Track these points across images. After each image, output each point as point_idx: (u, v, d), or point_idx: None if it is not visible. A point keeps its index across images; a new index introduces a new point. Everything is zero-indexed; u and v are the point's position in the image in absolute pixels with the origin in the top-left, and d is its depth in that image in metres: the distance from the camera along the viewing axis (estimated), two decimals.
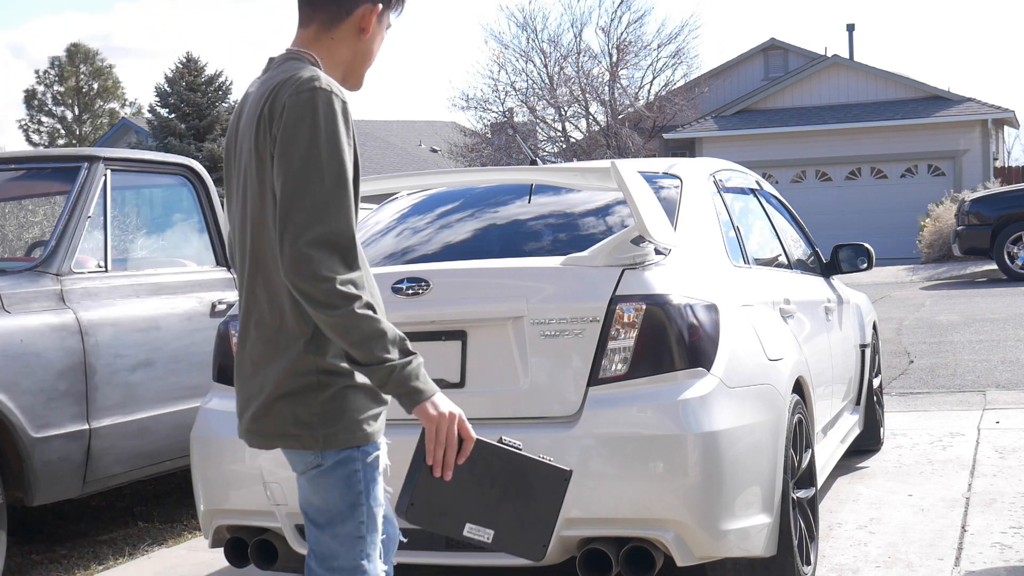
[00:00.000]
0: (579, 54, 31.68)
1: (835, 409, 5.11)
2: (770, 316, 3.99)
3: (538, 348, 3.36)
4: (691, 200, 4.00)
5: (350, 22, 2.30)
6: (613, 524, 3.28)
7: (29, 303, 4.45)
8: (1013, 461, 5.68)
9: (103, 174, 5.00)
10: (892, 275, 18.89)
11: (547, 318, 3.36)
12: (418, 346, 2.29)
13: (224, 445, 3.54)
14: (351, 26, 2.30)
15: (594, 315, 3.33)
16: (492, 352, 3.41)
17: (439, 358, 3.40)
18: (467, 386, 3.42)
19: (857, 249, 5.68)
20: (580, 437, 3.26)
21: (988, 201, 16.41)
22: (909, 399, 7.75)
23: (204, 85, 31.18)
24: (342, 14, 2.29)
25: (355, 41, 2.32)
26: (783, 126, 27.53)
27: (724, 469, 3.25)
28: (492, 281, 3.50)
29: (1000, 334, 10.35)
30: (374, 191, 4.04)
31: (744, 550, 3.37)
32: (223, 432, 3.51)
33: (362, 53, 2.34)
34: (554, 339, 3.35)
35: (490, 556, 3.43)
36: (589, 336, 3.33)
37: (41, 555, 4.92)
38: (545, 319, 3.36)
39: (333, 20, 2.30)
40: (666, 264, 3.57)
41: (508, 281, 3.47)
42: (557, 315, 3.36)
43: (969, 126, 26.78)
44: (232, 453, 3.49)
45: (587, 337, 3.33)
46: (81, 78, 54.11)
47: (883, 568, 4.11)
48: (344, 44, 2.31)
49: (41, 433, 4.32)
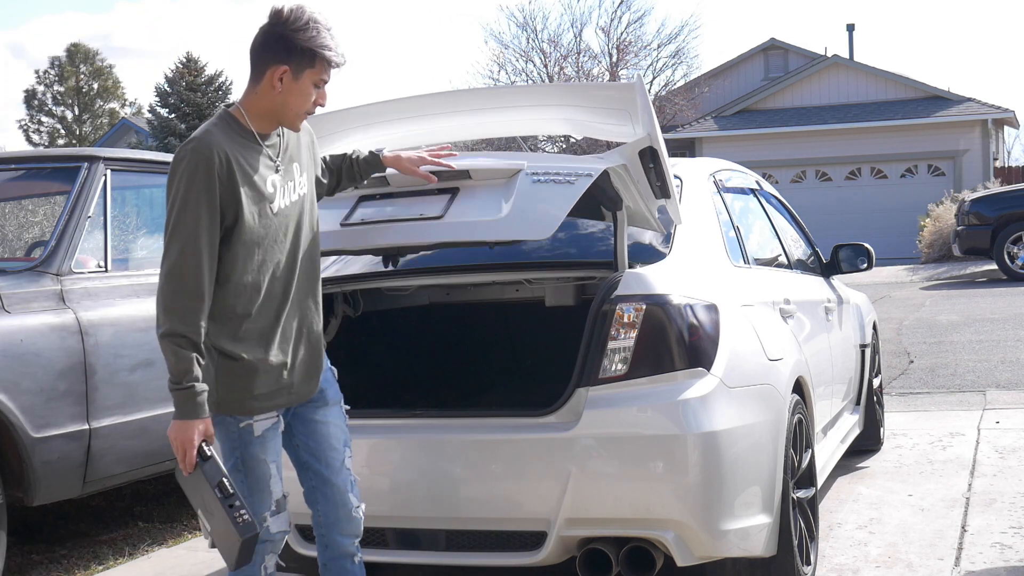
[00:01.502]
0: (579, 54, 31.74)
1: (835, 409, 5.11)
2: (770, 316, 3.99)
3: (526, 189, 3.29)
4: (691, 200, 4.00)
5: (265, 80, 2.88)
6: (613, 524, 3.28)
7: (29, 303, 4.45)
8: (1013, 461, 5.68)
9: (103, 174, 5.00)
10: (892, 275, 18.89)
11: (543, 169, 3.33)
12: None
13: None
14: (267, 83, 2.88)
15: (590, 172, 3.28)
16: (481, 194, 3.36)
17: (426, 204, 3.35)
18: (446, 217, 3.33)
19: (857, 249, 5.68)
20: (580, 437, 3.26)
21: (988, 201, 16.41)
22: (909, 399, 7.75)
23: (204, 85, 31.23)
24: (257, 74, 2.89)
25: (271, 95, 2.89)
26: (783, 126, 27.53)
27: (724, 469, 3.25)
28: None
29: (1000, 334, 10.35)
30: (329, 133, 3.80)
31: (744, 550, 3.37)
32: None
33: (280, 104, 2.90)
34: (544, 184, 3.28)
35: (490, 556, 3.43)
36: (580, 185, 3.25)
37: (41, 555, 4.92)
38: (541, 171, 3.32)
39: (254, 78, 2.91)
40: (666, 264, 3.57)
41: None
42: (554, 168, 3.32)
43: (969, 126, 26.78)
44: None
45: (578, 186, 3.24)
46: (81, 78, 54.13)
47: (883, 568, 4.11)
48: (264, 97, 2.90)
49: (41, 433, 4.32)
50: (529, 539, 3.36)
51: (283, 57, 2.85)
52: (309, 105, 2.93)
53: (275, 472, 2.96)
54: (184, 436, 2.76)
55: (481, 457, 3.41)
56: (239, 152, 2.85)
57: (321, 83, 2.92)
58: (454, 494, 3.42)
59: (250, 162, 2.87)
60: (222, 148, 2.80)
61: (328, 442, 3.10)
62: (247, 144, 2.89)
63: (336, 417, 3.14)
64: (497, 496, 3.37)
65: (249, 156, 2.88)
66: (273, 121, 2.93)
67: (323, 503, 3.11)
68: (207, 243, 2.77)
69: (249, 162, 2.87)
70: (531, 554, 3.35)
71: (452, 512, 3.42)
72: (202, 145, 2.77)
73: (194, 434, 2.76)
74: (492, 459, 3.39)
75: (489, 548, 3.43)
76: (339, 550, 3.13)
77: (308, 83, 2.89)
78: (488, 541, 3.42)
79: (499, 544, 3.41)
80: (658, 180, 3.45)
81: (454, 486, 3.43)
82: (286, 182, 2.97)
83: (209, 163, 2.76)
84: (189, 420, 2.76)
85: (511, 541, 3.39)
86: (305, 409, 3.09)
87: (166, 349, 2.76)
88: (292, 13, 2.85)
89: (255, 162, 2.89)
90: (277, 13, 2.86)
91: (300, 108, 2.92)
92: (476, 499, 3.40)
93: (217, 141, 2.81)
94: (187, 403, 2.76)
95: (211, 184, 2.76)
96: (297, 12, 2.85)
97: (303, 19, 2.85)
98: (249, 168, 2.86)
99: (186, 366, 2.75)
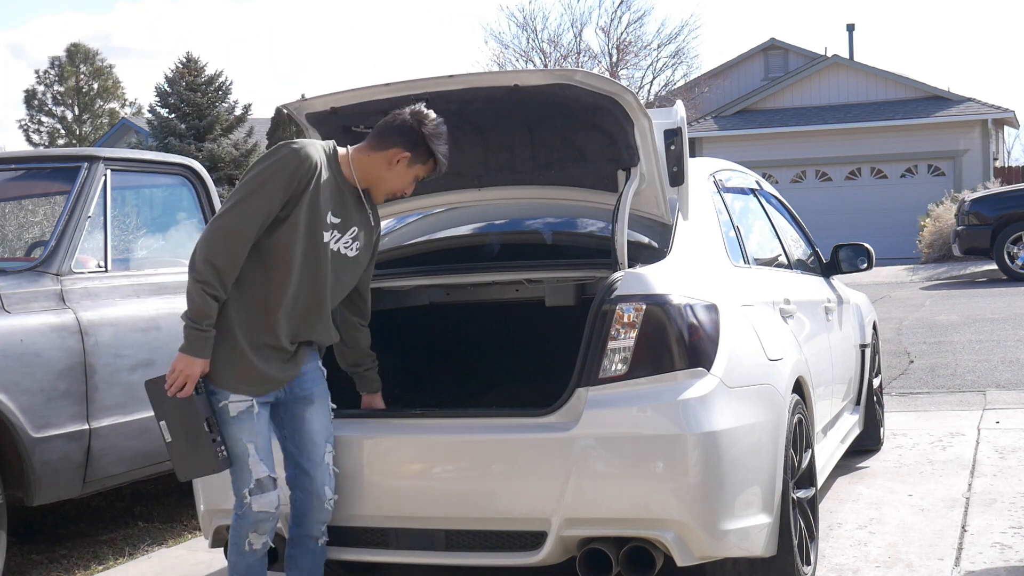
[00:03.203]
0: (579, 54, 31.75)
1: (835, 409, 5.11)
2: (770, 316, 3.99)
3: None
4: (691, 200, 4.00)
5: (387, 154, 3.35)
6: (613, 524, 3.28)
7: (29, 303, 4.45)
8: (1013, 461, 5.68)
9: (103, 174, 5.00)
10: (892, 275, 18.89)
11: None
12: None
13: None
14: (386, 157, 3.35)
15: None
16: None
17: None
18: None
19: (857, 249, 5.68)
20: (580, 437, 3.26)
21: (988, 201, 16.41)
22: (909, 399, 7.75)
23: (204, 85, 31.18)
24: (382, 145, 3.36)
25: (382, 166, 3.36)
26: (783, 126, 27.53)
27: (724, 469, 3.25)
28: None
29: (1000, 334, 10.35)
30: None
31: (744, 550, 3.37)
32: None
33: (385, 177, 3.37)
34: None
35: (490, 556, 3.43)
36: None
37: (41, 555, 4.92)
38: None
39: (376, 146, 3.37)
40: (666, 264, 3.58)
41: None
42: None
43: (969, 126, 26.77)
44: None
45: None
46: (81, 78, 54.12)
47: (883, 568, 4.11)
48: (375, 163, 3.37)
49: (41, 433, 4.32)
50: (529, 539, 3.36)
51: (410, 147, 3.33)
52: (401, 190, 3.41)
53: (254, 453, 3.25)
54: (189, 368, 3.17)
55: (481, 457, 3.41)
56: (327, 178, 3.29)
57: (421, 178, 3.41)
58: (454, 494, 3.42)
59: (329, 192, 3.29)
60: (318, 162, 3.26)
61: (311, 437, 3.40)
62: (337, 181, 3.34)
63: (320, 415, 3.42)
64: (497, 496, 3.37)
65: (330, 188, 3.31)
66: (366, 183, 3.39)
67: (301, 492, 3.40)
68: (260, 224, 3.19)
69: (328, 191, 3.29)
70: (531, 554, 3.35)
71: (452, 512, 3.42)
72: (305, 149, 3.24)
73: (197, 369, 3.17)
74: (492, 459, 3.39)
75: (489, 548, 3.43)
76: (308, 531, 3.43)
77: (413, 174, 3.38)
78: (488, 541, 3.42)
79: (499, 544, 3.41)
80: (675, 164, 3.65)
81: (454, 486, 3.43)
82: (342, 232, 3.35)
83: (302, 165, 3.21)
84: (197, 357, 3.17)
85: (511, 541, 3.39)
86: (292, 405, 3.39)
87: (195, 291, 3.16)
88: (435, 121, 3.36)
89: (330, 195, 3.30)
90: (426, 115, 3.36)
91: (395, 189, 3.40)
92: (476, 499, 3.40)
93: (319, 155, 3.28)
94: (198, 342, 3.17)
95: (291, 181, 3.20)
96: (439, 123, 3.37)
97: (440, 130, 3.36)
98: (324, 194, 3.27)
99: (208, 311, 3.16)
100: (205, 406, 3.20)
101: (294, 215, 3.21)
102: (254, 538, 3.29)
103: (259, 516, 3.26)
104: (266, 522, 3.28)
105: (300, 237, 3.23)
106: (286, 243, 3.22)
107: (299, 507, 3.41)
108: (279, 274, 3.24)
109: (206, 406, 3.20)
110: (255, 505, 3.24)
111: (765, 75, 31.96)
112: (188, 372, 3.18)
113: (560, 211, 4.43)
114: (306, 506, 3.39)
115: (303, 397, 3.39)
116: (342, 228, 3.34)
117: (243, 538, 3.28)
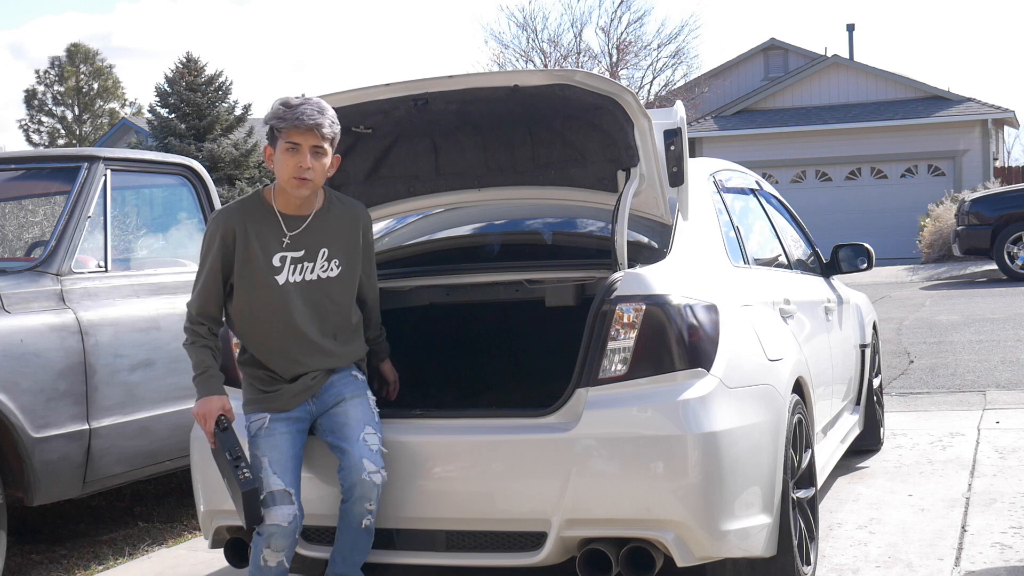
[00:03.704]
0: (579, 54, 31.74)
1: (835, 409, 5.11)
2: (770, 316, 3.99)
3: None
4: (691, 200, 4.00)
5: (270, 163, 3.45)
6: (613, 525, 3.28)
7: (29, 303, 4.45)
8: (1013, 461, 5.68)
9: (103, 174, 5.00)
10: (892, 275, 18.89)
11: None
12: None
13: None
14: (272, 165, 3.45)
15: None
16: None
17: None
18: None
19: (857, 249, 5.68)
20: (580, 438, 3.26)
21: (988, 201, 16.41)
22: (909, 399, 7.75)
23: (204, 85, 31.14)
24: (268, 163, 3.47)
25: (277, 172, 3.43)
26: (783, 126, 27.52)
27: (724, 469, 3.25)
28: None
29: (1000, 334, 10.35)
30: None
31: (744, 550, 3.37)
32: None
33: (279, 179, 3.42)
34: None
35: (490, 556, 3.43)
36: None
37: (41, 555, 4.92)
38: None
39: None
40: (666, 264, 3.58)
41: None
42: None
43: (969, 126, 26.77)
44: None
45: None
46: (81, 78, 54.11)
47: (883, 568, 4.11)
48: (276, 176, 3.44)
49: (41, 433, 4.33)
50: (529, 539, 3.35)
51: (269, 139, 3.42)
52: (294, 169, 3.35)
53: (268, 466, 3.33)
54: (202, 408, 3.36)
55: (481, 457, 3.41)
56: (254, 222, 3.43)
57: (298, 145, 3.34)
58: (454, 494, 3.42)
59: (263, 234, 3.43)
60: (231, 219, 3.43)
61: (345, 421, 3.44)
62: (268, 219, 3.45)
63: (356, 407, 3.47)
64: (497, 496, 3.36)
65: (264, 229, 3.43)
66: (281, 199, 3.46)
67: (343, 469, 3.39)
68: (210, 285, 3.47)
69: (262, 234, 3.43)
70: (531, 554, 3.34)
71: (452, 512, 3.42)
72: (217, 215, 3.47)
73: (211, 406, 3.35)
74: (492, 459, 3.39)
75: (489, 548, 3.43)
76: (351, 506, 3.37)
77: (286, 153, 3.36)
78: (488, 541, 3.42)
79: (499, 544, 3.41)
80: (675, 164, 3.64)
81: (454, 486, 3.43)
82: (311, 260, 3.45)
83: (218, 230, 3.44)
84: (204, 396, 3.37)
85: (511, 541, 3.39)
86: (328, 412, 3.48)
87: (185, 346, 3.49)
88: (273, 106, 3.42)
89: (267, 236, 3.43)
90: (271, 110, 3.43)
91: (286, 174, 3.37)
92: (476, 499, 3.40)
93: (233, 212, 3.46)
94: (201, 384, 3.40)
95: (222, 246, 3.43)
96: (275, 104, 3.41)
97: (274, 108, 3.40)
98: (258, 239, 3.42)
99: (197, 358, 3.43)
100: (228, 440, 3.35)
101: (233, 273, 3.44)
102: (268, 554, 3.29)
103: (270, 529, 3.26)
104: (278, 537, 3.27)
105: (247, 289, 3.43)
106: (238, 297, 3.46)
107: (343, 483, 3.38)
108: (247, 323, 3.48)
109: (229, 440, 3.35)
110: (267, 517, 3.26)
111: (765, 75, 31.95)
112: (202, 412, 3.36)
113: (560, 211, 4.43)
114: (347, 480, 3.35)
115: (335, 402, 3.48)
116: (309, 256, 3.45)
117: (259, 552, 3.31)
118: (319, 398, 3.48)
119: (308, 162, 3.35)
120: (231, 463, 3.28)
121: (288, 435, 3.40)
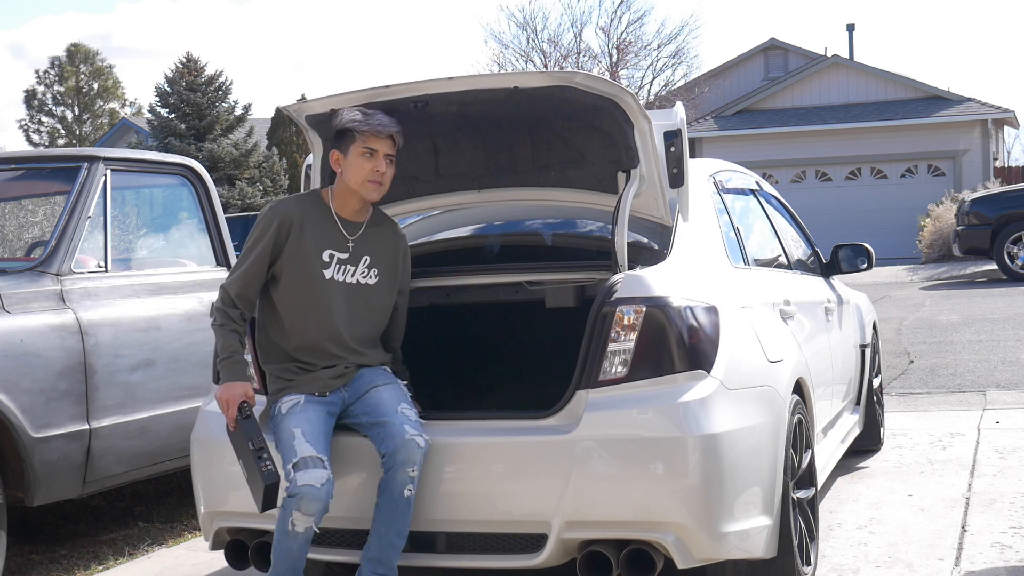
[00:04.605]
0: (579, 54, 31.74)
1: (835, 409, 5.11)
2: (770, 317, 3.99)
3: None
4: (691, 201, 4.00)
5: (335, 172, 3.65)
6: (613, 526, 3.28)
7: (29, 303, 4.45)
8: (1013, 461, 5.68)
9: (103, 174, 5.00)
10: (892, 275, 18.89)
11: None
12: None
13: (224, 447, 3.53)
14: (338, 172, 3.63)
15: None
16: None
17: None
18: None
19: (857, 249, 5.68)
20: (580, 439, 3.26)
21: (988, 201, 16.41)
22: (909, 399, 7.75)
23: (204, 85, 31.15)
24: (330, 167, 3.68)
25: (341, 178, 3.63)
26: (783, 126, 27.53)
27: (724, 471, 3.25)
28: None
29: (1000, 334, 10.35)
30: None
31: (744, 551, 3.37)
32: (223, 434, 3.50)
33: (345, 183, 3.62)
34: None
35: (490, 558, 3.43)
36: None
37: (41, 555, 4.92)
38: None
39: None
40: (666, 266, 3.58)
41: None
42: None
43: (969, 126, 26.77)
44: (232, 455, 3.49)
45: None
46: (81, 78, 54.10)
47: (883, 568, 4.11)
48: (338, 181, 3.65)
49: (41, 433, 4.33)
50: (529, 541, 3.35)
51: (336, 144, 3.62)
52: (370, 174, 3.56)
53: (300, 436, 3.36)
54: (225, 393, 3.43)
55: (481, 459, 3.41)
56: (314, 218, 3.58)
57: (374, 150, 3.55)
58: (455, 496, 3.42)
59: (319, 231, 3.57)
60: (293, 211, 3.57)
61: (379, 399, 3.53)
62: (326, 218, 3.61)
63: (388, 391, 3.56)
64: (497, 498, 3.36)
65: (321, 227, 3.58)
66: (340, 204, 3.63)
67: (386, 441, 3.40)
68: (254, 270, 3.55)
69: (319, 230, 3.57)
70: (531, 556, 3.34)
71: (452, 514, 3.42)
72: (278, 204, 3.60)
73: (233, 391, 3.43)
74: (492, 461, 3.39)
75: (489, 550, 3.42)
76: (395, 474, 3.36)
77: (359, 156, 3.55)
78: (488, 543, 3.42)
79: (499, 546, 3.40)
80: (675, 166, 3.68)
81: (454, 488, 3.43)
82: (354, 264, 3.61)
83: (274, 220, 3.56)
84: (228, 382, 3.45)
85: (511, 543, 3.39)
86: (359, 395, 3.56)
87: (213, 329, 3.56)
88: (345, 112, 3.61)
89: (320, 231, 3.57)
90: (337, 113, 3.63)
91: (358, 178, 3.56)
92: (476, 501, 3.40)
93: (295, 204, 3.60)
94: (224, 369, 3.47)
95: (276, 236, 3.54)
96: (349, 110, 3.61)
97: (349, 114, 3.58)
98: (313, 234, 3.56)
99: (226, 342, 3.50)
100: (249, 428, 3.39)
101: (279, 262, 3.55)
102: (298, 517, 3.25)
103: (302, 490, 3.23)
104: (310, 499, 3.22)
105: (294, 279, 3.54)
106: (283, 286, 3.56)
107: (385, 451, 3.38)
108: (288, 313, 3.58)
109: (251, 428, 3.39)
110: (299, 479, 3.24)
111: (765, 75, 31.94)
112: (225, 396, 3.42)
113: (560, 213, 4.43)
114: (391, 446, 3.36)
115: (368, 388, 3.57)
116: (353, 260, 3.60)
117: (288, 516, 3.27)
118: (351, 386, 3.58)
119: (383, 167, 3.57)
120: (254, 453, 3.33)
121: (321, 414, 3.46)
